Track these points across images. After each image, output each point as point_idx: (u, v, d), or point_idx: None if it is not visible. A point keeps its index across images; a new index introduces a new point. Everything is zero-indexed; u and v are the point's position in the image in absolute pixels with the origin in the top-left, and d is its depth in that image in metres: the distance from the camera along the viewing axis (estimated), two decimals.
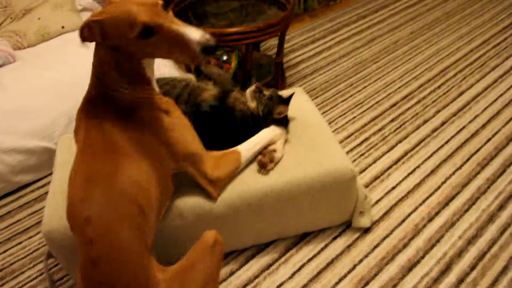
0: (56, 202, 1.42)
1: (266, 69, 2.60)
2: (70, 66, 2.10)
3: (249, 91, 1.58)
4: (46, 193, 1.91)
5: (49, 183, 1.97)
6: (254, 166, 1.49)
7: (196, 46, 1.04)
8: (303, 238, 1.63)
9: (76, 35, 2.39)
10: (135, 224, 1.10)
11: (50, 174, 2.00)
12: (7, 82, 1.99)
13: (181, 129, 1.29)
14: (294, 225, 1.57)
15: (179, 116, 1.31)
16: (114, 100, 1.19)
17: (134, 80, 1.18)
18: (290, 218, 1.54)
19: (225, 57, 2.44)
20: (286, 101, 1.56)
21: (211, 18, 2.46)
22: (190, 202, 1.41)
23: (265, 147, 1.51)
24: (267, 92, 1.57)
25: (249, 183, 1.45)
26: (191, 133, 1.33)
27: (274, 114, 1.53)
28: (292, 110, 1.73)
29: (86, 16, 2.62)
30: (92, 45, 1.18)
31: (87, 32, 1.09)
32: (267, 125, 1.54)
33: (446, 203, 1.73)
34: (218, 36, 2.11)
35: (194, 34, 1.04)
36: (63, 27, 2.45)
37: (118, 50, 1.13)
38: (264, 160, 1.45)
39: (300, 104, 1.78)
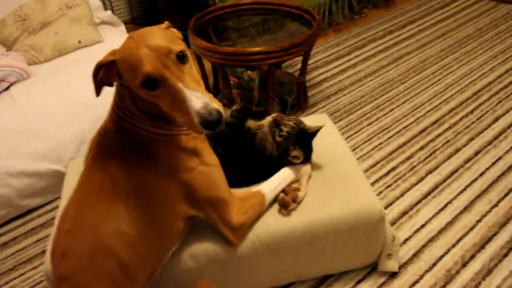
0: None
1: (287, 88, 2.48)
2: (84, 85, 2.02)
3: (266, 123, 1.46)
4: (53, 218, 1.82)
5: (57, 207, 1.88)
6: (274, 205, 1.37)
7: (196, 115, 0.92)
8: (323, 280, 1.50)
9: (92, 50, 2.32)
10: (111, 282, 1.01)
11: (59, 198, 1.92)
12: (19, 100, 1.92)
13: (207, 171, 1.18)
14: (315, 268, 1.45)
15: (207, 155, 1.19)
16: (130, 134, 1.10)
17: (155, 117, 1.08)
18: (311, 261, 1.41)
19: None
20: (311, 135, 1.44)
21: (232, 33, 2.36)
22: (203, 244, 1.30)
23: (288, 185, 1.39)
24: (285, 127, 1.41)
25: (269, 224, 1.33)
26: (219, 176, 1.21)
27: (290, 157, 1.38)
28: (317, 138, 1.61)
29: (104, 29, 2.55)
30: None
31: (102, 74, 1.01)
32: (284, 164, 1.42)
33: (482, 246, 1.58)
34: (239, 55, 2.01)
35: (196, 101, 0.92)
36: (79, 42, 2.38)
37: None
38: (287, 200, 1.33)
39: (325, 133, 1.65)
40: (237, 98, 2.36)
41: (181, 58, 0.97)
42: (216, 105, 0.94)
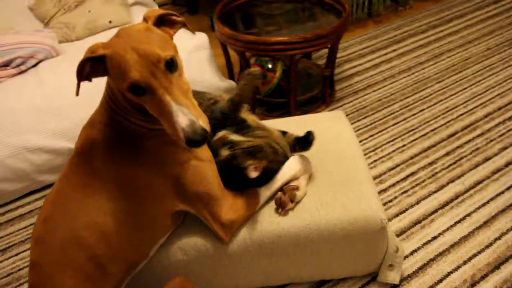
0: None
1: (315, 80, 2.41)
2: None
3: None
4: None
5: None
6: (269, 203, 1.33)
7: (181, 132, 0.92)
8: (319, 286, 1.46)
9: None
10: (84, 275, 1.01)
11: None
12: (44, 78, 1.98)
13: (198, 165, 1.16)
14: (310, 272, 1.40)
15: (199, 150, 1.16)
16: (120, 126, 1.09)
17: (147, 112, 1.05)
18: (306, 264, 1.37)
19: (270, 65, 2.28)
20: (304, 142, 1.32)
21: (259, 21, 2.31)
22: (193, 237, 1.28)
23: (287, 183, 1.35)
24: (224, 152, 1.20)
25: (262, 223, 1.30)
26: (211, 171, 1.18)
27: (248, 171, 1.15)
28: (328, 137, 1.55)
29: (137, 10, 2.57)
30: None
31: (89, 68, 0.99)
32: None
33: (497, 266, 1.47)
34: (261, 44, 1.96)
35: (183, 118, 0.91)
36: (110, 22, 2.41)
37: None
38: (284, 199, 1.29)
39: (338, 132, 1.59)
40: (261, 87, 2.31)
41: (170, 65, 0.94)
42: (202, 122, 0.93)
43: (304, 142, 1.32)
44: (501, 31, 2.84)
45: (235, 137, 1.21)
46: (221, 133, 1.21)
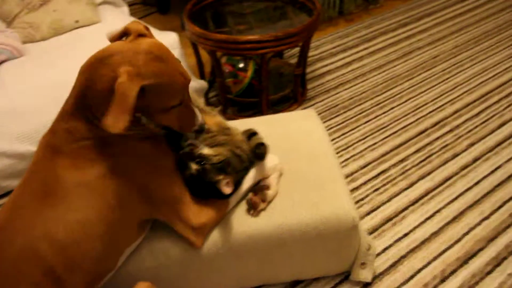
0: None
1: (286, 79, 2.40)
2: (74, 67, 1.98)
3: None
4: None
5: None
6: (240, 204, 1.31)
7: (197, 126, 1.13)
8: (293, 286, 1.45)
9: (88, 31, 2.28)
10: (34, 286, 0.96)
11: None
12: (6, 78, 1.90)
13: (163, 169, 1.14)
14: (283, 273, 1.39)
15: (163, 157, 1.16)
16: (88, 133, 1.05)
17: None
18: (279, 266, 1.36)
19: (241, 65, 2.27)
20: (256, 156, 1.29)
21: (230, 19, 2.28)
22: (163, 241, 1.25)
23: (257, 183, 1.33)
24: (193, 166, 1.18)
25: (232, 224, 1.28)
26: (175, 177, 1.17)
27: (221, 186, 1.17)
28: (299, 136, 1.54)
29: (105, 10, 2.51)
30: (97, 46, 1.08)
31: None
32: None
33: (466, 261, 1.50)
34: (231, 43, 1.94)
35: (199, 117, 1.13)
36: (77, 21, 2.34)
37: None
38: (255, 200, 1.27)
39: (309, 130, 1.59)
40: (232, 87, 2.29)
41: None
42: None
43: (256, 156, 1.30)
44: (468, 29, 2.90)
45: (202, 151, 1.19)
46: (187, 147, 1.19)
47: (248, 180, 1.30)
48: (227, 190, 1.17)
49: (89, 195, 1.04)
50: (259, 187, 1.31)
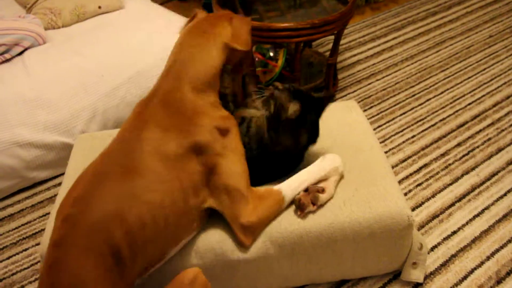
0: None
1: (316, 69, 2.31)
2: (99, 54, 1.92)
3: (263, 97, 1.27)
4: None
5: None
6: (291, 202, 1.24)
7: None
8: (339, 286, 1.38)
9: (111, 17, 2.19)
10: (104, 266, 0.94)
11: None
12: (31, 67, 1.83)
13: (231, 156, 1.13)
14: (331, 272, 1.32)
15: (235, 140, 1.16)
16: (178, 100, 1.11)
17: (212, 83, 1.16)
18: (327, 265, 1.29)
19: (271, 53, 2.18)
20: (316, 104, 1.26)
21: (259, 6, 2.19)
22: (210, 240, 1.18)
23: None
24: (269, 90, 1.24)
25: (283, 223, 1.20)
26: (241, 165, 1.15)
27: (288, 112, 1.19)
28: (342, 128, 1.46)
29: None
30: (122, 33, 1.24)
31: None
32: (285, 137, 1.23)
33: None
34: (265, 30, 1.85)
35: None
36: (99, 7, 2.26)
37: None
38: (304, 201, 1.19)
39: (352, 122, 1.51)
40: (262, 76, 2.21)
41: None
42: None
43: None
44: (502, 18, 2.78)
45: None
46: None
47: (306, 181, 1.22)
48: (294, 107, 1.18)
49: (168, 175, 1.04)
50: (313, 188, 1.23)
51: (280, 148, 1.24)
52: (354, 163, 1.35)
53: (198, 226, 1.17)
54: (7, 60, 1.89)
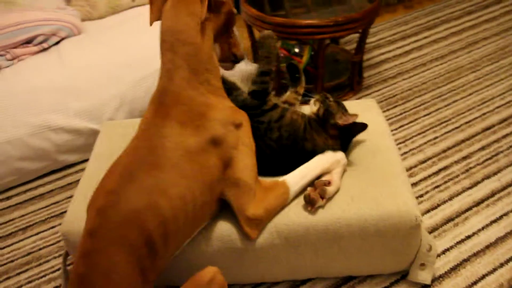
0: (82, 201, 1.32)
1: (342, 66, 2.31)
2: (130, 46, 2.00)
3: (313, 99, 1.39)
4: None
5: None
6: (299, 194, 1.27)
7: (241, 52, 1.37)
8: (345, 281, 1.40)
9: (144, 10, 2.27)
10: (136, 256, 0.99)
11: None
12: (65, 56, 1.93)
13: (243, 150, 1.17)
14: (337, 267, 1.34)
15: (247, 134, 1.21)
16: (190, 97, 1.14)
17: (210, 68, 1.18)
18: (333, 260, 1.31)
19: (296, 50, 2.20)
20: (356, 125, 1.33)
21: (287, 2, 2.21)
22: (219, 228, 1.23)
23: (318, 177, 1.28)
24: (333, 99, 1.38)
25: (290, 215, 1.24)
26: (251, 159, 1.19)
27: (336, 119, 1.29)
28: None
29: None
30: (152, 26, 1.20)
31: None
32: (320, 137, 1.31)
33: None
34: (289, 26, 1.87)
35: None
36: (133, 1, 2.34)
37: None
38: (314, 196, 1.22)
39: (369, 122, 1.50)
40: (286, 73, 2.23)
41: None
42: None
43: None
44: None
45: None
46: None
47: (309, 174, 1.25)
48: (350, 119, 1.28)
49: (190, 169, 1.08)
50: (319, 182, 1.25)
51: (309, 146, 1.30)
52: (368, 163, 1.36)
53: (213, 215, 1.22)
54: (44, 49, 2.00)
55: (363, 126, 1.33)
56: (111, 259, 0.97)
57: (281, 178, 1.25)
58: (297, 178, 1.24)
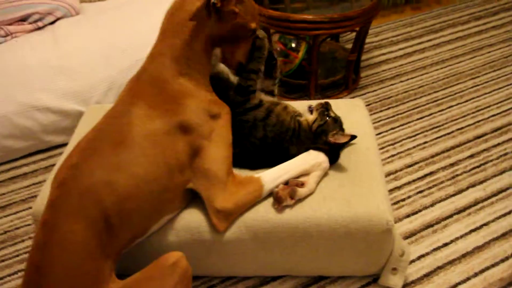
0: None
1: (340, 64, 2.29)
2: (125, 29, 1.99)
3: (314, 103, 1.37)
4: None
5: None
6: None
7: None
8: (316, 281, 1.38)
9: None
10: (94, 229, 1.01)
11: None
12: (59, 36, 1.93)
13: (217, 141, 1.17)
14: (307, 266, 1.33)
15: (225, 127, 1.20)
16: (167, 82, 1.15)
17: (199, 63, 1.19)
18: (303, 259, 1.29)
19: (293, 44, 2.17)
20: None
21: None
22: (186, 218, 1.22)
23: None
24: (333, 114, 1.34)
25: (259, 211, 1.22)
26: (225, 151, 1.19)
27: (328, 136, 1.27)
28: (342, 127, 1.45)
29: None
30: (151, 11, 1.31)
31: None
32: (306, 145, 1.29)
33: (510, 283, 1.36)
34: (283, 20, 1.85)
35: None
36: None
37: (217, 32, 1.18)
38: (281, 195, 1.20)
39: (354, 121, 1.49)
40: (282, 67, 2.21)
41: None
42: None
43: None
44: None
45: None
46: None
47: (288, 172, 1.24)
48: (342, 139, 1.27)
49: (153, 150, 1.09)
50: (292, 182, 1.23)
51: (294, 150, 1.29)
52: (345, 161, 1.33)
53: (180, 205, 1.21)
54: (39, 28, 2.00)
55: (352, 137, 1.30)
56: (69, 228, 0.99)
57: (257, 174, 1.23)
58: (273, 176, 1.22)
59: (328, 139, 1.27)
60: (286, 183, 1.24)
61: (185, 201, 1.22)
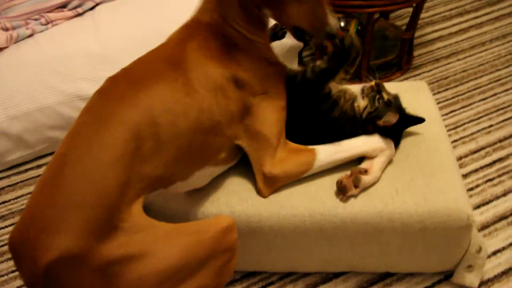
0: None
1: (391, 43, 2.14)
2: (165, 14, 1.90)
3: (365, 86, 1.23)
4: None
5: None
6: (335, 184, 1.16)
7: (330, 24, 1.05)
8: (382, 278, 1.29)
9: None
10: (133, 144, 0.92)
11: None
12: (99, 22, 1.85)
13: (271, 102, 1.11)
14: (374, 263, 1.24)
15: (279, 87, 1.14)
16: (222, 32, 1.08)
17: (252, 21, 1.09)
18: (371, 255, 1.20)
19: (342, 23, 2.04)
20: (408, 119, 1.21)
21: None
22: (246, 212, 1.15)
23: (359, 160, 1.17)
24: (386, 95, 1.19)
25: (326, 203, 1.13)
26: (279, 113, 1.12)
27: (380, 121, 1.16)
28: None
29: None
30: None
31: None
32: (364, 133, 1.18)
33: None
34: None
35: (332, 17, 1.07)
36: None
37: None
38: (346, 183, 1.11)
39: (418, 106, 1.37)
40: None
41: None
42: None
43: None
44: None
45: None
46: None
47: (344, 151, 1.15)
48: (393, 118, 1.15)
49: (205, 88, 1.03)
50: (355, 169, 1.14)
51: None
52: (415, 151, 1.23)
53: (226, 161, 1.13)
54: (79, 14, 1.94)
55: (417, 121, 1.19)
56: (109, 129, 0.91)
57: (312, 146, 1.15)
58: (329, 152, 1.14)
59: (378, 123, 1.16)
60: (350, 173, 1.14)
61: (231, 158, 1.15)
